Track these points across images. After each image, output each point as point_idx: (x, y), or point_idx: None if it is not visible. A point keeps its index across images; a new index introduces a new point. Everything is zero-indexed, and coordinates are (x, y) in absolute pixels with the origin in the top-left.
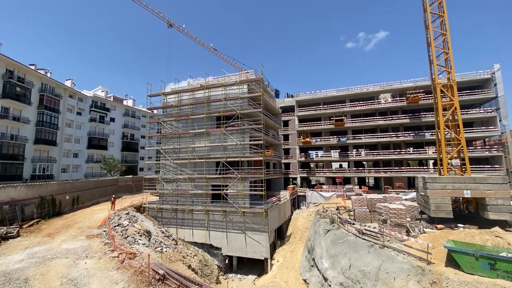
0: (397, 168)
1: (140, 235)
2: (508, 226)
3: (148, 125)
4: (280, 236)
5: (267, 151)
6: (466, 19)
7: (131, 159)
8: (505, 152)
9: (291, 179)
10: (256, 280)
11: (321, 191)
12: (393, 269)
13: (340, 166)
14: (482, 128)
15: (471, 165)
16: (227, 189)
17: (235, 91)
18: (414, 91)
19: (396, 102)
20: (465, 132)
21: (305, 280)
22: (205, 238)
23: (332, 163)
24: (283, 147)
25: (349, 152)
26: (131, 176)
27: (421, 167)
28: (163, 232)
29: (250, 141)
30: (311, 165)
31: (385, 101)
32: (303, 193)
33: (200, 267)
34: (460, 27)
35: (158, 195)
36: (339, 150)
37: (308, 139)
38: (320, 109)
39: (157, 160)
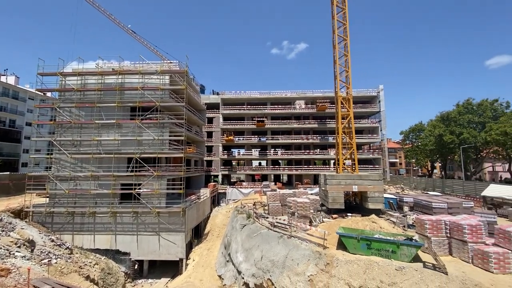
0: (306, 166)
1: (19, 246)
2: (381, 213)
3: (38, 110)
4: (197, 234)
5: (189, 148)
6: (360, 47)
7: (9, 151)
8: (383, 155)
9: (212, 177)
10: (169, 282)
11: (240, 187)
12: (297, 256)
13: (260, 164)
14: (368, 135)
15: (359, 165)
16: (139, 188)
17: (155, 81)
18: (322, 101)
19: (308, 108)
20: (357, 138)
21: (220, 276)
22: (110, 243)
23: (252, 161)
24: (206, 144)
25: (267, 151)
26: (8, 173)
27: (325, 166)
28: (53, 241)
29: (170, 136)
30: (233, 163)
31: (299, 107)
32: (223, 190)
33: (102, 276)
34: (357, 52)
35: (48, 197)
36: (259, 149)
37: (231, 138)
38: (244, 109)
39: (48, 154)
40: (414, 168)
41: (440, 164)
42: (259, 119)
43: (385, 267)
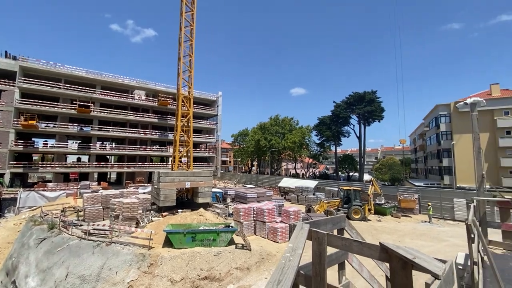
0: (141, 163)
1: None
2: (209, 206)
3: None
4: None
5: None
6: (203, 57)
7: None
8: (216, 154)
9: None
10: None
11: (43, 190)
12: (116, 264)
13: (79, 159)
14: (206, 135)
15: (196, 163)
16: None
17: None
18: (165, 95)
19: (149, 101)
20: (195, 137)
21: None
22: None
23: (67, 155)
24: None
25: (91, 145)
26: None
27: (163, 163)
28: None
29: None
30: (35, 157)
31: (139, 97)
32: (12, 195)
33: None
34: (201, 61)
35: None
36: (79, 141)
37: (33, 122)
38: (60, 88)
39: None
40: (239, 166)
41: (256, 163)
42: (82, 103)
43: (205, 255)
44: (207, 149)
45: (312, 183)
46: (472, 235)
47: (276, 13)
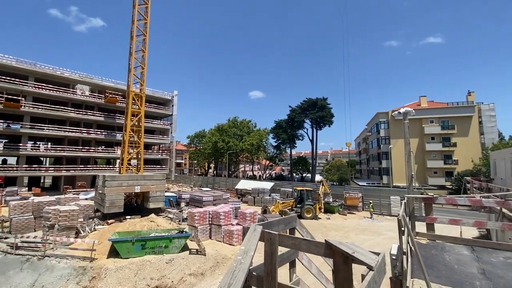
0: (83, 166)
1: None
2: (161, 211)
3: None
4: None
5: None
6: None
7: None
8: (170, 156)
9: None
10: None
11: None
12: (51, 280)
13: (4, 161)
14: (159, 136)
15: (148, 165)
16: None
17: None
18: (113, 92)
19: (95, 97)
20: (147, 138)
21: None
22: None
23: None
24: None
25: (21, 144)
26: None
27: (109, 166)
28: None
29: None
30: None
31: (82, 93)
32: None
33: None
34: (155, 60)
35: None
36: (6, 140)
37: None
38: None
39: None
40: (196, 168)
41: (214, 165)
42: (10, 96)
43: (157, 263)
44: (160, 151)
45: (268, 185)
46: (403, 229)
47: (234, 13)
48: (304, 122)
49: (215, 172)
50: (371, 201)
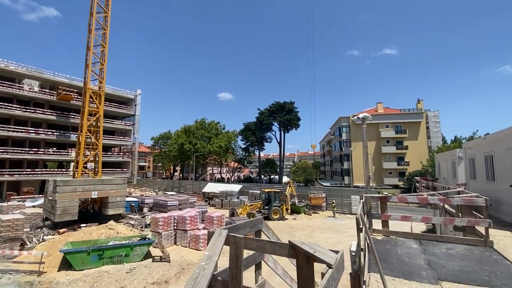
0: (30, 170)
1: None
2: (121, 217)
3: None
4: None
5: None
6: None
7: None
8: (133, 159)
9: None
10: None
11: None
12: None
13: None
14: (120, 137)
15: (107, 168)
16: None
17: None
18: (67, 89)
19: (45, 94)
20: (107, 139)
21: None
22: None
23: None
24: None
25: None
26: None
27: (62, 170)
28: None
29: None
30: None
31: (30, 88)
32: None
33: None
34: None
35: None
36: None
37: None
38: None
39: None
40: (160, 172)
41: (180, 168)
42: None
43: (116, 274)
44: (122, 153)
45: (236, 187)
46: (361, 226)
47: (202, 13)
48: (272, 125)
49: (181, 175)
50: (334, 201)
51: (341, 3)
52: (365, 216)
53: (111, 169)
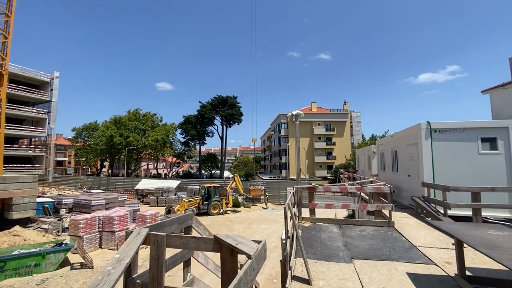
0: None
1: None
2: (31, 222)
3: None
4: None
5: None
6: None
7: None
8: (47, 153)
9: None
10: None
11: None
12: None
13: None
14: (31, 127)
15: (12, 164)
16: None
17: None
18: None
19: None
20: (13, 129)
21: None
22: None
23: None
24: None
25: None
26: None
27: None
28: None
29: None
30: None
31: None
32: None
33: None
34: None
35: None
36: None
37: None
38: None
39: None
40: (84, 167)
41: (108, 163)
42: None
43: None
44: (33, 146)
45: (174, 183)
46: (289, 215)
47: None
48: (214, 119)
49: (110, 171)
50: (267, 194)
51: (286, 3)
52: (296, 205)
53: (19, 166)
